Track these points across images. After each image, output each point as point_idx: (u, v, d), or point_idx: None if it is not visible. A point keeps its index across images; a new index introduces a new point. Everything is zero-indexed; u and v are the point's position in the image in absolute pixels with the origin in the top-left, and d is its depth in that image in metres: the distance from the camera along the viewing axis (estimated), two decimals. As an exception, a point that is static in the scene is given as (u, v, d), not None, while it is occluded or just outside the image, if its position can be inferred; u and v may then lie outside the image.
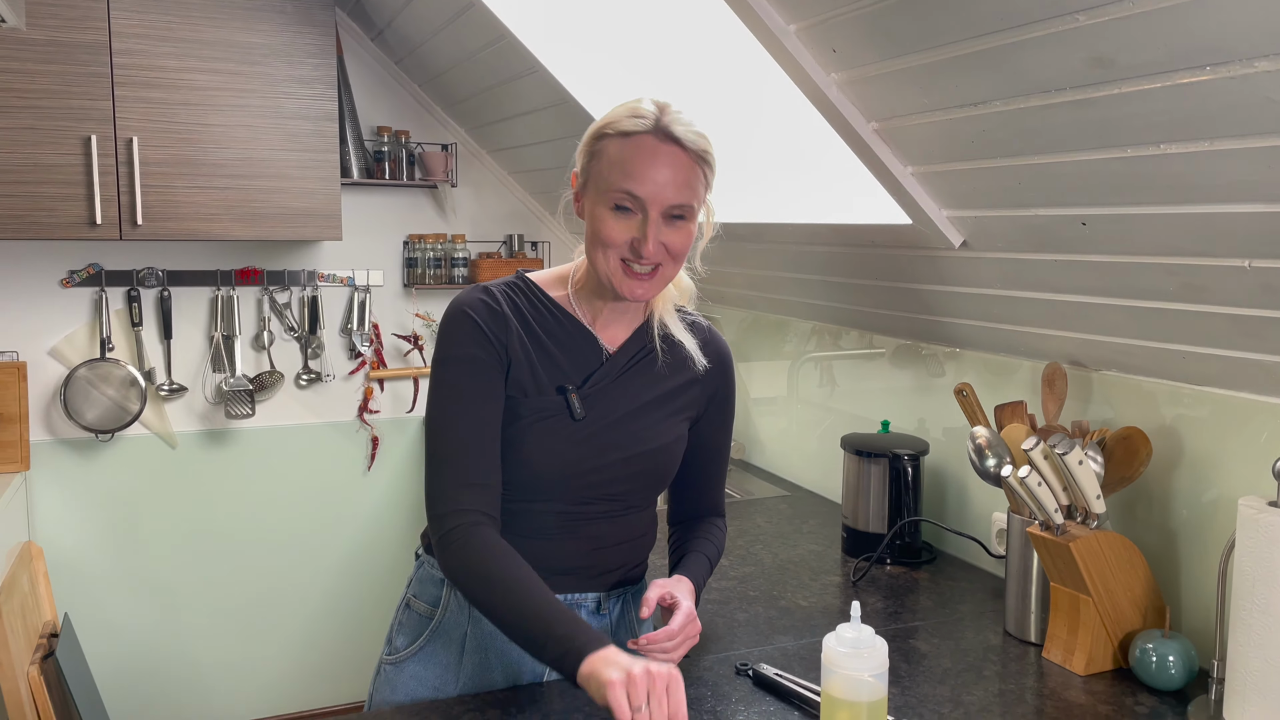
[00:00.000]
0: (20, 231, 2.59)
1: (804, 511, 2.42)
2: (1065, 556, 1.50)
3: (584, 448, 1.36)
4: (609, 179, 1.28)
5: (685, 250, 1.32)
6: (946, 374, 2.11)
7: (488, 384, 1.33)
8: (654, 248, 1.28)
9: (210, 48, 2.73)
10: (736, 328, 2.94)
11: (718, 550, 1.52)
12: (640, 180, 1.26)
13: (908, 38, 1.32)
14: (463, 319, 1.34)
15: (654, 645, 1.28)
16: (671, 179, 1.27)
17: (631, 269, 1.30)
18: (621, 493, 1.41)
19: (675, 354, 1.44)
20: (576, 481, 1.37)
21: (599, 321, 1.41)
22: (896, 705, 1.38)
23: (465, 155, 3.39)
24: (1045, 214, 1.46)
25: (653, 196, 1.27)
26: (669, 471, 1.46)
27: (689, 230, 1.32)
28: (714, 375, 1.47)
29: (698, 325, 1.49)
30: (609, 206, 1.29)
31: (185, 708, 3.21)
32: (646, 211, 1.28)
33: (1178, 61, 1.05)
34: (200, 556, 3.19)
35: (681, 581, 1.38)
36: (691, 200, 1.29)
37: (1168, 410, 1.61)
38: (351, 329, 3.29)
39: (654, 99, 1.32)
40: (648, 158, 1.27)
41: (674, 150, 1.28)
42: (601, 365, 1.39)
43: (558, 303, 1.40)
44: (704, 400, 1.48)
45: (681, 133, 1.28)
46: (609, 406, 1.38)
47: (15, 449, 2.86)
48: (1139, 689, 1.45)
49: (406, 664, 1.44)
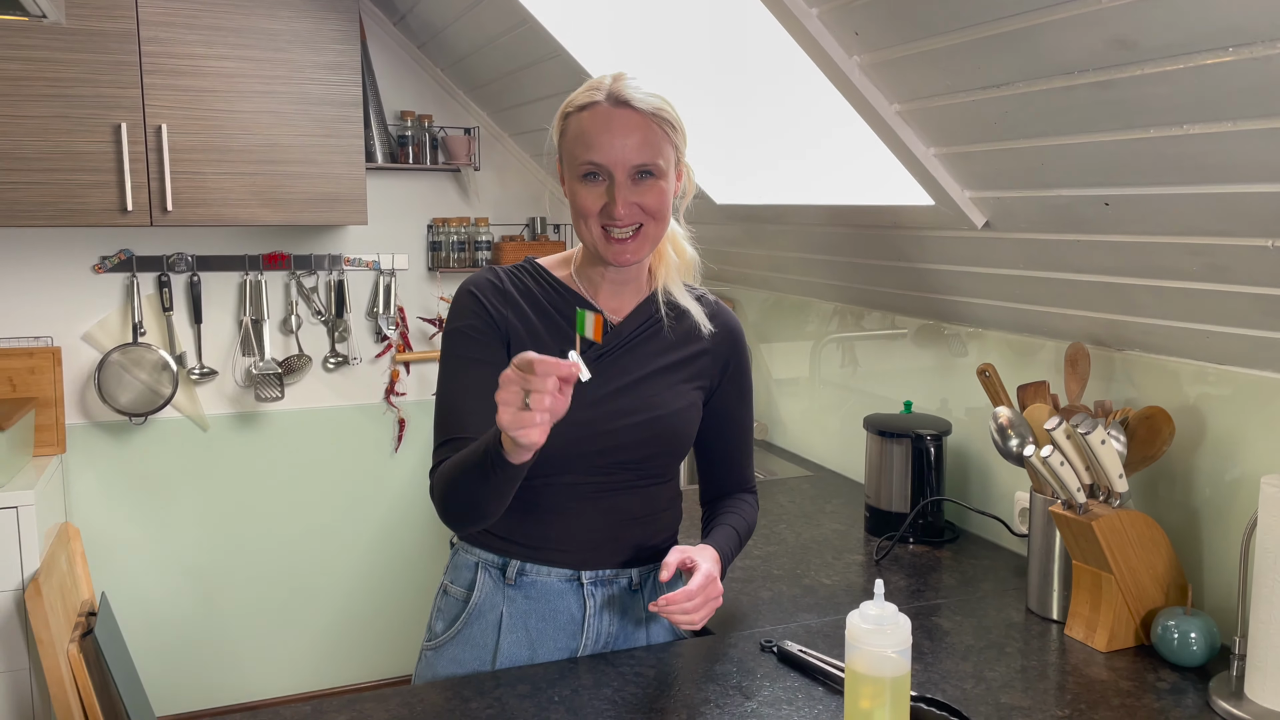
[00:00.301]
0: (53, 219, 2.64)
1: (826, 491, 2.44)
2: (1087, 535, 1.51)
3: (594, 411, 1.39)
4: (574, 152, 1.35)
5: (662, 206, 1.37)
6: (969, 354, 2.12)
7: (480, 350, 1.39)
8: (624, 209, 1.33)
9: (236, 35, 2.76)
10: (759, 309, 2.95)
11: (746, 524, 1.55)
12: (600, 148, 1.32)
13: (931, 20, 1.33)
14: (465, 295, 1.43)
15: (673, 605, 1.31)
16: (628, 141, 1.32)
17: (612, 234, 1.35)
18: (638, 460, 1.44)
19: (682, 323, 1.48)
20: (590, 447, 1.40)
21: (602, 295, 1.45)
22: (920, 681, 1.41)
23: (488, 139, 3.41)
24: (1068, 194, 1.47)
25: (615, 161, 1.33)
26: (684, 438, 1.48)
27: (660, 188, 1.36)
28: (724, 346, 1.51)
29: (705, 298, 1.53)
30: (578, 178, 1.35)
31: (220, 683, 3.28)
32: (612, 175, 1.33)
33: (1200, 43, 1.05)
34: (232, 536, 3.25)
35: (704, 549, 1.42)
36: (654, 159, 1.34)
37: (1191, 390, 1.61)
38: (377, 312, 3.32)
39: (611, 74, 1.37)
40: (604, 124, 1.33)
41: (627, 113, 1.33)
42: (606, 334, 1.42)
43: (563, 281, 1.46)
44: (716, 372, 1.51)
45: (632, 94, 1.33)
46: (617, 373, 1.42)
47: (52, 432, 2.92)
48: (1161, 665, 1.46)
49: (445, 648, 1.48)
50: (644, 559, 1.49)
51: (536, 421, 1.08)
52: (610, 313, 1.45)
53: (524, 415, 1.08)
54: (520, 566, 1.44)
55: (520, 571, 1.44)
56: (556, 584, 1.45)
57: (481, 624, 1.46)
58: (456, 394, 1.38)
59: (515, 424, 1.08)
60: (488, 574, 1.46)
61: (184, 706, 3.23)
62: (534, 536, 1.44)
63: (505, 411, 1.09)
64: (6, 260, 2.91)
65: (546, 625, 1.45)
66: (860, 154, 1.82)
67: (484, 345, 1.39)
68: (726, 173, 2.39)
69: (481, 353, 1.39)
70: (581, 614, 1.46)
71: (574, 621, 1.46)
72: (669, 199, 1.38)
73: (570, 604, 1.46)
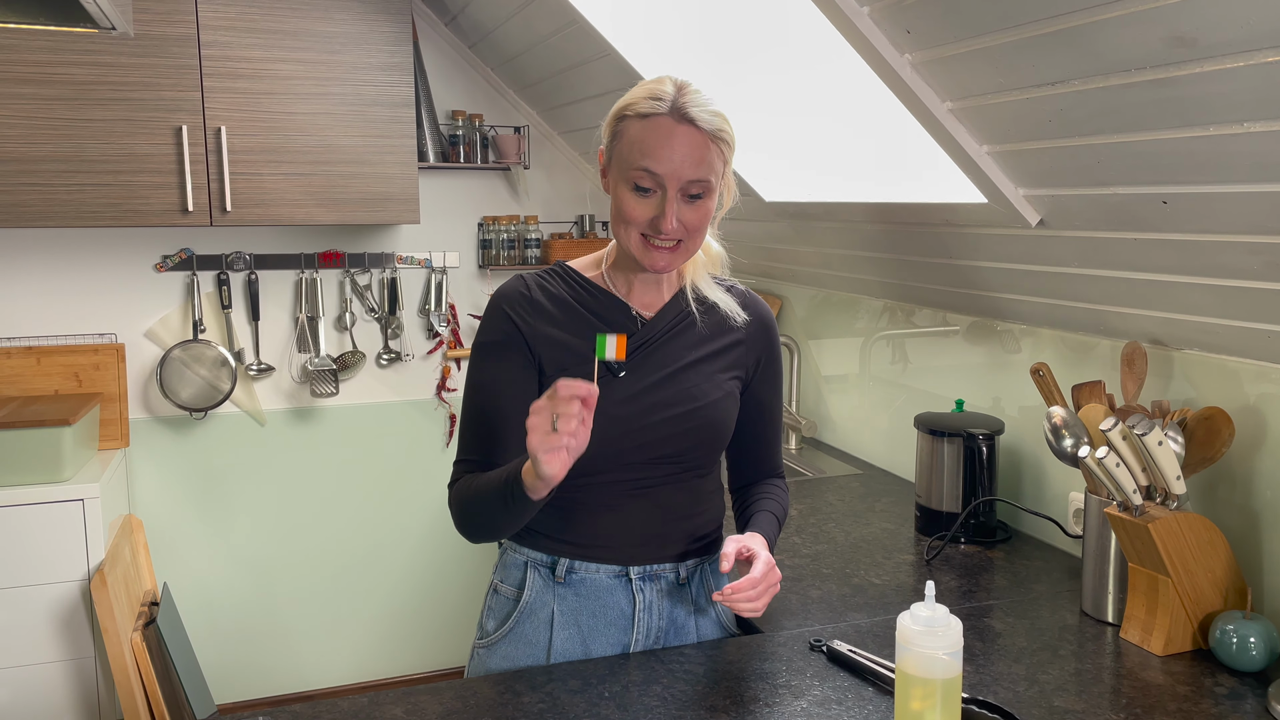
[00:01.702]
0: (117, 219, 2.71)
1: (876, 490, 2.43)
2: (1144, 537, 1.49)
3: (632, 406, 1.41)
4: (629, 159, 1.34)
5: (703, 225, 1.38)
6: (1022, 351, 2.09)
7: (501, 369, 1.43)
8: (672, 224, 1.34)
9: (292, 38, 2.81)
10: (808, 305, 2.94)
11: (783, 508, 1.58)
12: (658, 160, 1.32)
13: (984, 18, 1.32)
14: (493, 309, 1.46)
15: (739, 595, 1.33)
16: (688, 158, 1.32)
17: (652, 243, 1.37)
18: (678, 453, 1.45)
19: (713, 315, 1.50)
20: (630, 443, 1.41)
21: (634, 293, 1.47)
22: (971, 683, 1.40)
23: (537, 138, 3.43)
24: (1125, 193, 1.45)
25: (670, 175, 1.32)
26: (723, 429, 1.49)
27: (706, 207, 1.37)
28: (759, 336, 1.53)
29: (735, 289, 1.55)
30: (630, 186, 1.35)
31: (277, 673, 3.35)
32: (665, 189, 1.33)
33: (1260, 40, 1.04)
34: (289, 528, 3.32)
35: (754, 536, 1.43)
36: (708, 176, 1.34)
37: (1251, 390, 1.58)
38: (429, 309, 3.37)
39: (674, 79, 1.36)
40: (664, 138, 1.32)
41: (689, 130, 1.32)
42: (639, 330, 1.45)
43: (593, 281, 1.48)
44: (751, 361, 1.53)
45: (696, 114, 1.32)
46: (653, 367, 1.44)
47: (116, 427, 3.00)
48: (1218, 670, 1.44)
49: (498, 646, 1.50)
50: (691, 553, 1.51)
51: (563, 444, 1.15)
52: (642, 309, 1.47)
53: (551, 437, 1.15)
54: (569, 564, 1.46)
55: (569, 569, 1.46)
56: (605, 580, 1.47)
57: (533, 621, 1.48)
58: (474, 413, 1.44)
59: (543, 446, 1.16)
60: (537, 572, 1.48)
61: (242, 695, 3.31)
62: (581, 535, 1.46)
63: (534, 435, 1.17)
64: (73, 260, 3.00)
65: (598, 621, 1.47)
66: (912, 150, 1.81)
67: (506, 364, 1.43)
68: (775, 170, 2.39)
69: (503, 371, 1.43)
70: (631, 609, 1.47)
71: (624, 617, 1.48)
72: (711, 214, 1.39)
73: (620, 599, 1.47)
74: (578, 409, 1.15)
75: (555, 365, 1.43)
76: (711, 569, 1.55)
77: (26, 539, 2.57)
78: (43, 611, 2.61)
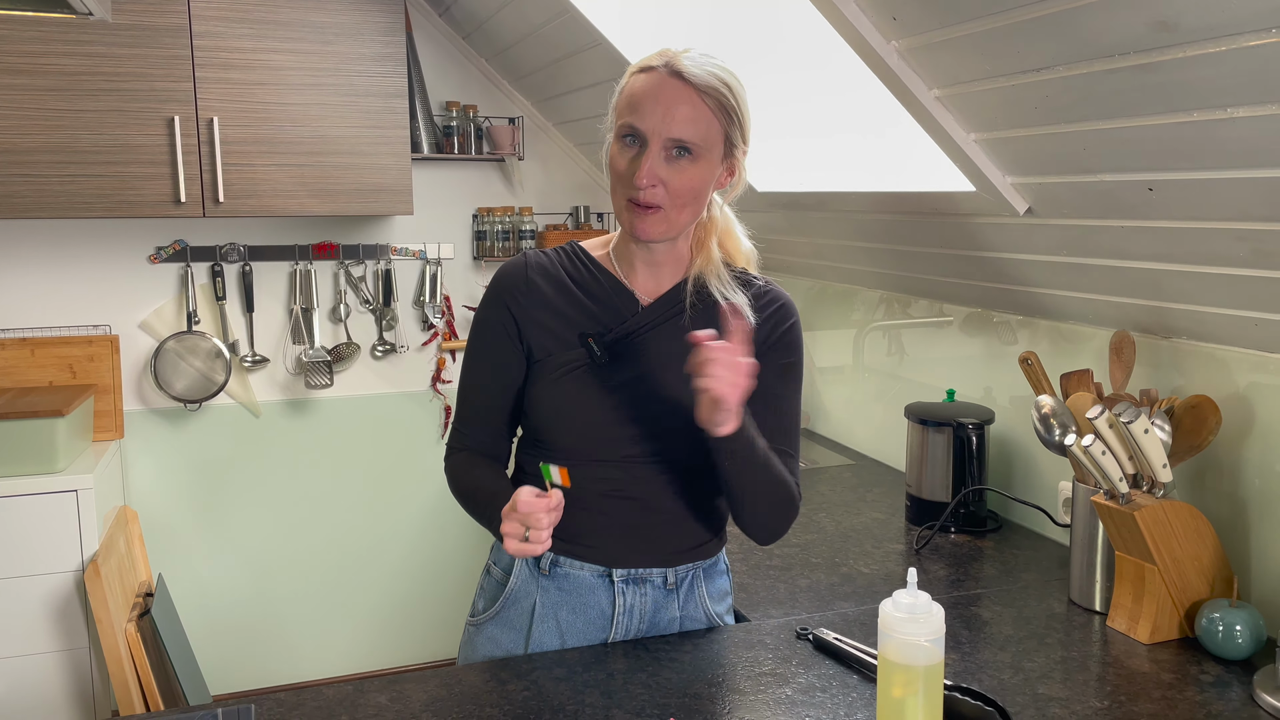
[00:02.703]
0: (110, 210, 2.71)
1: (868, 480, 2.43)
2: (1130, 526, 1.49)
3: (616, 396, 1.38)
4: (619, 112, 1.34)
5: (689, 192, 1.32)
6: (1019, 341, 2.08)
7: (490, 346, 1.46)
8: (647, 179, 1.29)
9: (285, 28, 2.80)
10: (803, 297, 2.94)
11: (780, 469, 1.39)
12: (642, 113, 1.30)
13: (969, 4, 1.31)
14: (491, 289, 1.47)
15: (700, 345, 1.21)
16: (671, 111, 1.29)
17: (635, 205, 1.33)
18: (659, 451, 1.39)
19: (712, 313, 1.38)
20: (618, 432, 1.38)
21: (638, 276, 1.44)
22: (956, 671, 1.40)
23: (532, 128, 3.43)
24: (1111, 179, 1.44)
25: (653, 129, 1.30)
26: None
27: (693, 172, 1.31)
28: (766, 325, 1.42)
29: (752, 283, 1.45)
30: (618, 138, 1.34)
31: (274, 663, 3.36)
32: (647, 143, 1.31)
33: (1242, 24, 1.03)
34: (284, 519, 3.32)
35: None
36: (695, 137, 1.30)
37: (1240, 378, 1.58)
38: (424, 301, 3.36)
39: (684, 46, 1.34)
40: (653, 91, 1.30)
41: (678, 84, 1.29)
42: (633, 316, 1.41)
43: (599, 261, 1.46)
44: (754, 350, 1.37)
45: (687, 66, 1.29)
46: (641, 357, 1.39)
47: (110, 418, 3.00)
48: (1204, 658, 1.44)
49: (485, 626, 1.50)
50: (680, 559, 1.45)
51: (537, 551, 1.26)
52: (643, 294, 1.43)
53: (525, 546, 1.26)
54: (554, 558, 1.44)
55: (554, 563, 1.44)
56: (588, 578, 1.44)
57: (517, 609, 1.47)
58: (468, 386, 1.49)
59: (519, 552, 1.26)
60: (524, 561, 1.47)
61: (238, 686, 3.32)
62: (566, 530, 1.37)
63: (510, 543, 1.26)
64: (66, 251, 3.00)
65: (576, 618, 1.45)
66: (904, 139, 1.80)
67: (494, 343, 1.45)
68: (768, 159, 2.38)
69: (490, 353, 1.46)
70: (611, 610, 1.45)
71: (604, 616, 1.45)
72: (703, 185, 1.33)
73: (601, 599, 1.45)
74: (548, 522, 1.25)
75: (543, 350, 1.41)
76: (705, 574, 1.49)
77: (20, 530, 2.58)
78: (37, 602, 2.61)
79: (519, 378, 1.44)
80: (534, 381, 1.42)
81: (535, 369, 1.42)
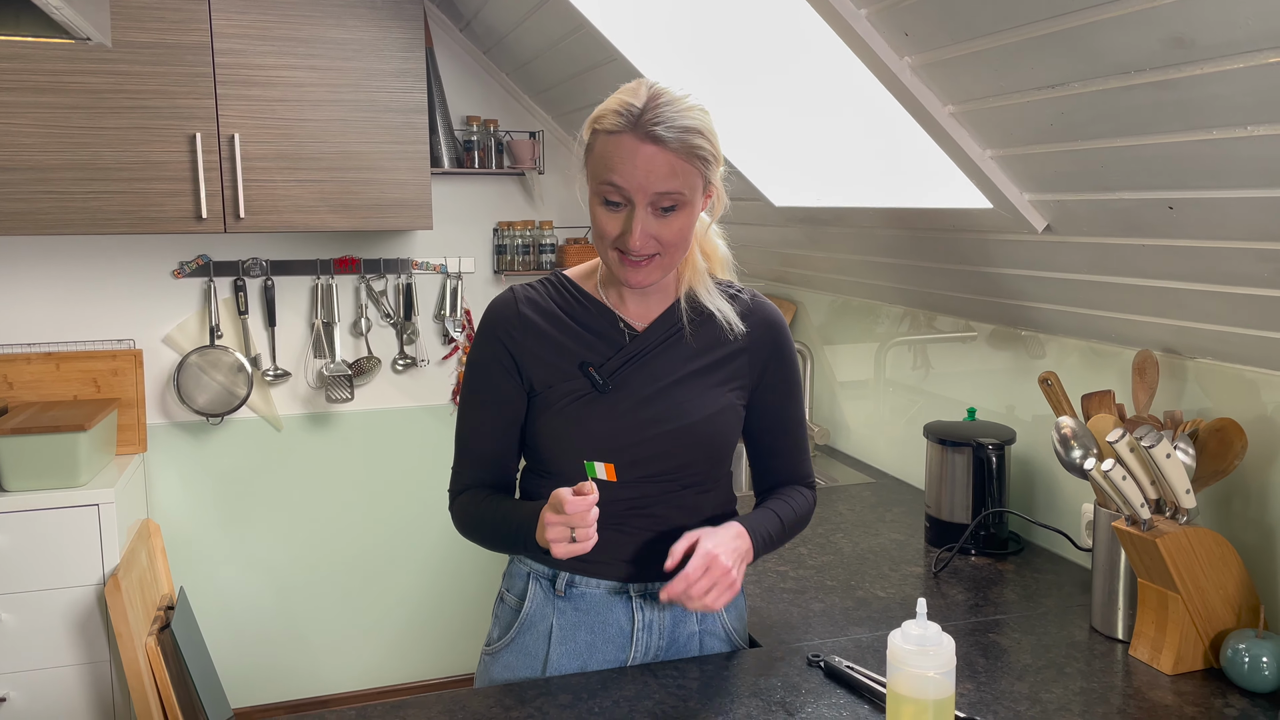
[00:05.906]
0: (134, 226, 2.73)
1: (888, 499, 2.39)
2: (1152, 553, 1.45)
3: (621, 422, 1.38)
4: (597, 173, 1.31)
5: (679, 239, 1.32)
6: (1046, 355, 2.03)
7: (491, 385, 1.43)
8: (640, 241, 1.30)
9: (305, 45, 2.82)
10: (825, 312, 2.90)
11: (791, 509, 1.48)
12: (622, 174, 1.28)
13: (982, 19, 1.29)
14: (481, 328, 1.46)
15: (674, 598, 1.29)
16: (653, 174, 1.27)
17: (628, 257, 1.32)
18: (673, 470, 1.41)
19: (710, 326, 1.44)
20: (622, 458, 1.38)
21: (628, 304, 1.43)
22: (970, 701, 1.37)
23: (552, 143, 3.43)
24: (1130, 198, 1.41)
25: (636, 189, 1.28)
26: (719, 444, 1.44)
27: (681, 220, 1.31)
28: (763, 343, 1.46)
29: (739, 296, 1.48)
30: (600, 200, 1.32)
31: (294, 677, 3.37)
32: (632, 202, 1.29)
33: (1260, 41, 1.00)
34: (305, 533, 3.33)
35: (723, 529, 1.37)
36: (679, 189, 1.29)
37: (1269, 399, 1.53)
38: (444, 315, 3.37)
39: (649, 86, 1.30)
40: (628, 156, 1.27)
41: (655, 150, 1.27)
42: (631, 340, 1.41)
43: (587, 292, 1.44)
44: (756, 369, 1.46)
45: (662, 132, 1.26)
46: (642, 382, 1.40)
47: (134, 432, 3.03)
48: (1229, 690, 1.40)
49: (500, 654, 1.48)
50: None
51: (587, 549, 1.26)
52: (634, 320, 1.43)
53: (574, 547, 1.26)
54: (569, 578, 1.44)
55: (569, 583, 1.44)
56: (605, 596, 1.44)
57: (533, 634, 1.46)
58: (469, 430, 1.46)
59: (569, 553, 1.26)
60: (539, 584, 1.46)
61: (260, 699, 3.33)
62: None
63: (558, 547, 1.26)
64: (91, 266, 3.03)
65: (596, 638, 1.45)
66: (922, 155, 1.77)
67: (494, 381, 1.43)
68: (785, 175, 2.36)
69: (490, 392, 1.43)
70: (630, 626, 1.45)
71: (623, 634, 1.45)
72: (691, 227, 1.34)
73: (619, 616, 1.45)
74: (592, 518, 1.24)
75: (543, 383, 1.41)
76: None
77: (43, 543, 2.60)
78: (58, 615, 2.63)
79: (521, 412, 1.44)
80: (538, 414, 1.42)
81: (537, 401, 1.41)
